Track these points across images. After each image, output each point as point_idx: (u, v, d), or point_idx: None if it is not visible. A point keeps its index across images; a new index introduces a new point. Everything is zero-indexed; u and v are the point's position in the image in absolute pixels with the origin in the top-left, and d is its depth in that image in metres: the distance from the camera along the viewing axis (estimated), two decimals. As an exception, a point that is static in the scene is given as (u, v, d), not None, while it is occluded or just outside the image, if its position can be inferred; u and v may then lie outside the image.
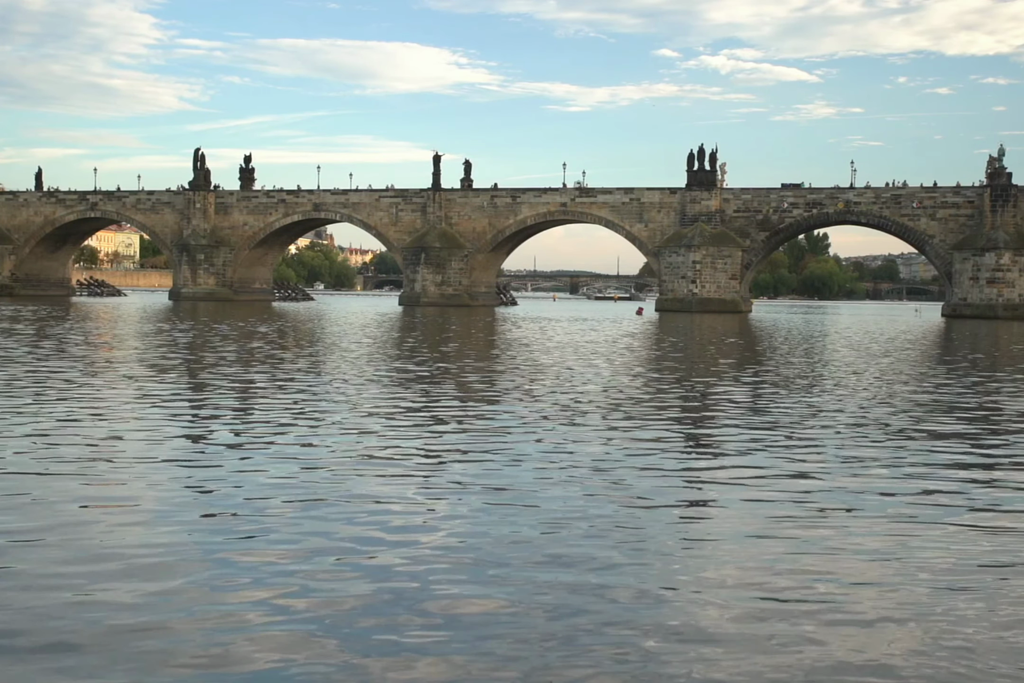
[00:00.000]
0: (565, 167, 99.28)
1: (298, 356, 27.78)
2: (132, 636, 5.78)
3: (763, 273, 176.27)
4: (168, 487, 9.80)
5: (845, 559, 7.64)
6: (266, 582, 6.80)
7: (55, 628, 5.88)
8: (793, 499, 9.67)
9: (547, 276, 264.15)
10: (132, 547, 7.60)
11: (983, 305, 79.68)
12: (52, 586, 6.62)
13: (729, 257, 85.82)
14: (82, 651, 5.58)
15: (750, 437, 13.61)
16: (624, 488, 10.04)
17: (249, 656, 5.54)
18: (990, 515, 9.24)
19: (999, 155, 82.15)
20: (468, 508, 9.08)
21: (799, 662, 5.59)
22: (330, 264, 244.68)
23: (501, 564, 7.32)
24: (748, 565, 7.45)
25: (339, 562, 7.29)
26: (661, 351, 34.38)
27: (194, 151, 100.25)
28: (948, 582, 7.10)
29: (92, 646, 5.64)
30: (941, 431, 14.62)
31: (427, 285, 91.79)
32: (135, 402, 16.30)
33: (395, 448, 12.18)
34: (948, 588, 6.96)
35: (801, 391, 20.22)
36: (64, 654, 5.53)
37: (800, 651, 5.75)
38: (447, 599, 6.52)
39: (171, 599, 6.41)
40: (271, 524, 8.33)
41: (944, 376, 24.75)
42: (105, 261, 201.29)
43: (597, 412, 16.08)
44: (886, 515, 9.09)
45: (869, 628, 6.15)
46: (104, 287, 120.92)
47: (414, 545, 7.78)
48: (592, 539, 8.05)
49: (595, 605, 6.45)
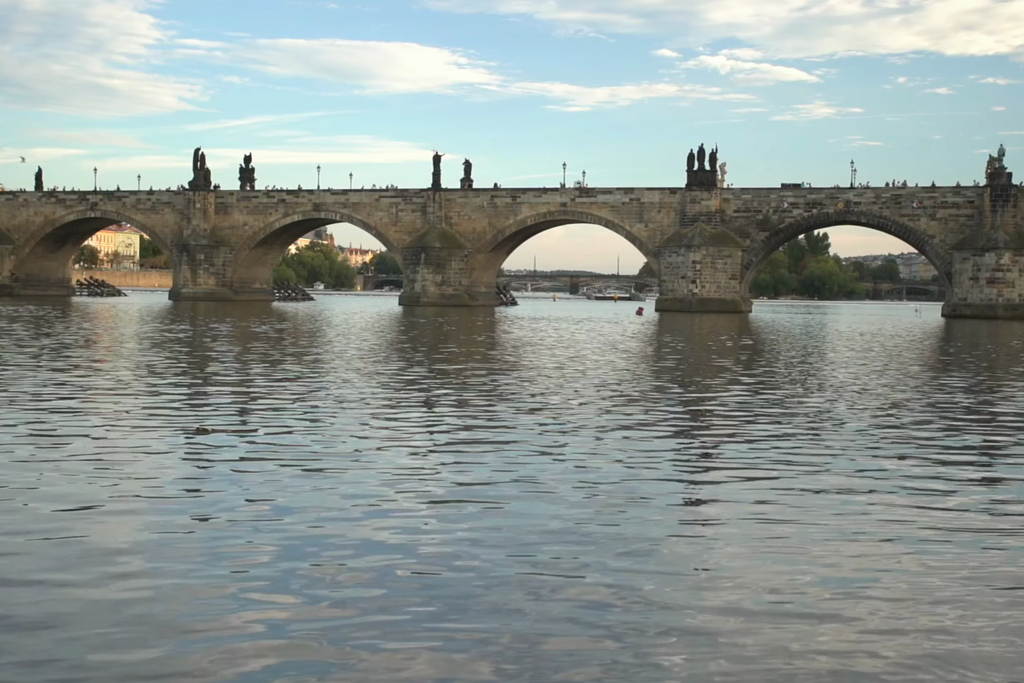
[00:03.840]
0: (565, 167, 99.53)
1: (298, 357, 27.77)
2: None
3: (763, 273, 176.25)
4: (161, 489, 9.79)
5: (847, 559, 7.64)
6: (265, 582, 6.80)
7: (49, 629, 5.89)
8: (793, 502, 9.67)
9: (547, 276, 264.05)
10: (126, 546, 7.61)
11: (983, 305, 79.66)
12: (43, 586, 6.63)
13: (729, 257, 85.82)
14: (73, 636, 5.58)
15: (752, 439, 13.60)
16: (625, 489, 10.03)
17: (244, 661, 5.54)
18: (990, 516, 9.23)
19: (999, 155, 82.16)
20: (466, 511, 9.06)
21: (803, 669, 5.59)
22: (330, 264, 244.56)
23: (499, 567, 7.32)
24: (750, 567, 7.45)
25: (338, 562, 7.28)
26: (660, 352, 34.36)
27: (194, 151, 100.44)
28: (949, 583, 7.10)
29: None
30: (944, 431, 14.61)
31: (427, 285, 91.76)
32: (134, 403, 16.29)
33: (395, 448, 12.17)
34: (950, 591, 6.96)
35: (803, 392, 20.21)
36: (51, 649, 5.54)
37: (805, 657, 5.74)
38: (446, 600, 6.52)
39: (153, 600, 6.42)
40: (271, 523, 8.33)
41: (953, 376, 24.74)
42: (105, 261, 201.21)
43: (597, 413, 16.07)
44: (888, 515, 9.09)
45: (875, 633, 6.15)
46: (104, 287, 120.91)
47: (414, 546, 7.78)
48: (593, 539, 8.04)
49: (596, 607, 6.45)
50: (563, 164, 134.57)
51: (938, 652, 5.76)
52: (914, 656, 5.71)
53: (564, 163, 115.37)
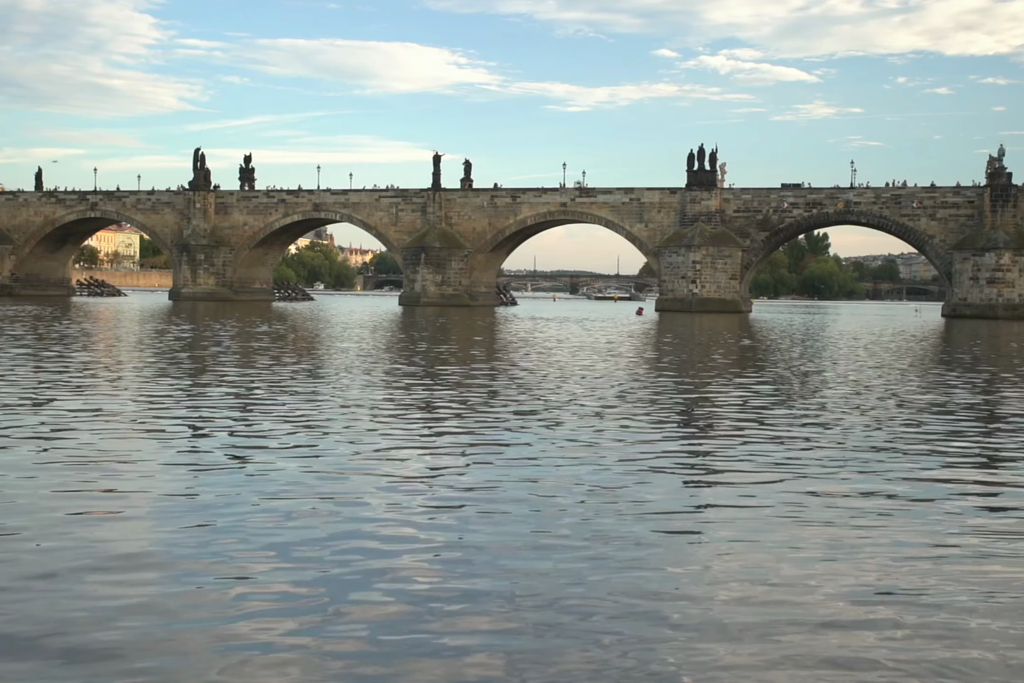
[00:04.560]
0: (565, 167, 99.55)
1: (298, 357, 27.76)
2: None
3: (763, 273, 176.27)
4: (157, 492, 9.78)
5: (847, 562, 7.63)
6: (260, 582, 6.79)
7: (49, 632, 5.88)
8: (790, 503, 9.66)
9: (547, 276, 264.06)
10: (122, 547, 7.60)
11: (983, 305, 79.68)
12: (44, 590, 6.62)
13: (729, 257, 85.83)
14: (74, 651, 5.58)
15: (753, 440, 13.59)
16: (624, 491, 10.02)
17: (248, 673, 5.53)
18: (991, 518, 9.22)
19: (999, 155, 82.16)
20: (465, 514, 9.05)
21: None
22: (330, 264, 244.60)
23: (499, 567, 7.31)
24: (752, 568, 7.44)
25: (338, 564, 7.27)
26: (660, 352, 34.36)
27: (194, 151, 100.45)
28: (953, 588, 7.09)
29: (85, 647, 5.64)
30: (948, 431, 14.61)
31: (427, 285, 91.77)
32: (132, 401, 16.29)
33: (394, 449, 12.16)
34: (953, 595, 6.95)
35: (804, 393, 20.21)
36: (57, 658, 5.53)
37: (807, 658, 5.73)
38: (444, 601, 6.51)
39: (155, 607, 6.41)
40: (270, 525, 8.32)
41: (954, 376, 24.74)
42: (105, 261, 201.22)
43: (597, 413, 16.06)
44: (890, 518, 9.09)
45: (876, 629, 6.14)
46: (104, 287, 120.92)
47: (414, 546, 7.77)
48: (594, 542, 8.03)
49: (597, 608, 6.44)
50: (563, 164, 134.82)
51: (945, 658, 5.71)
52: (921, 661, 5.69)
53: (564, 163, 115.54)
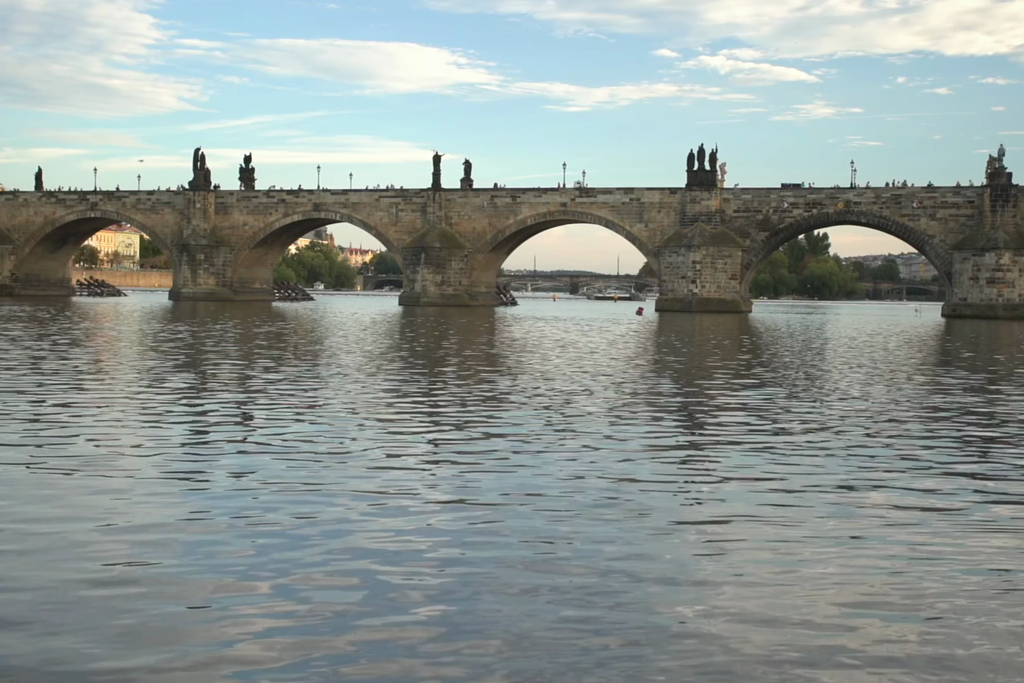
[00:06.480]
0: (565, 167, 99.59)
1: (298, 357, 27.76)
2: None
3: (763, 273, 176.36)
4: (157, 492, 9.77)
5: (847, 563, 7.62)
6: (262, 585, 6.78)
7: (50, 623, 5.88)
8: (795, 503, 9.65)
9: (547, 276, 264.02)
10: (121, 547, 7.59)
11: (983, 305, 79.69)
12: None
13: (729, 257, 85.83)
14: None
15: (752, 440, 13.58)
16: (624, 493, 10.02)
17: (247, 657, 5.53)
18: (992, 518, 9.21)
19: (999, 155, 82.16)
20: (465, 513, 9.04)
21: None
22: (330, 264, 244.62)
23: (500, 568, 7.30)
24: (754, 570, 7.43)
25: (336, 565, 7.27)
26: (660, 352, 34.36)
27: (194, 151, 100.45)
28: (954, 591, 7.08)
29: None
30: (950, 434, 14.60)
31: (427, 285, 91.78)
32: (131, 401, 16.29)
33: (394, 450, 12.15)
34: (955, 598, 6.94)
35: (806, 394, 20.20)
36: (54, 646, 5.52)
37: (807, 661, 5.73)
38: (443, 603, 6.50)
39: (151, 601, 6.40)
40: (270, 524, 8.31)
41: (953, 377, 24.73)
42: (105, 261, 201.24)
43: (597, 414, 16.05)
44: (892, 521, 9.08)
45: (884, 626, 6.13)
46: (104, 287, 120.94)
47: (413, 548, 7.76)
48: (595, 543, 8.02)
49: (597, 610, 6.43)
50: (563, 164, 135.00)
51: (949, 661, 5.68)
52: (919, 663, 5.68)
53: (564, 163, 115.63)
